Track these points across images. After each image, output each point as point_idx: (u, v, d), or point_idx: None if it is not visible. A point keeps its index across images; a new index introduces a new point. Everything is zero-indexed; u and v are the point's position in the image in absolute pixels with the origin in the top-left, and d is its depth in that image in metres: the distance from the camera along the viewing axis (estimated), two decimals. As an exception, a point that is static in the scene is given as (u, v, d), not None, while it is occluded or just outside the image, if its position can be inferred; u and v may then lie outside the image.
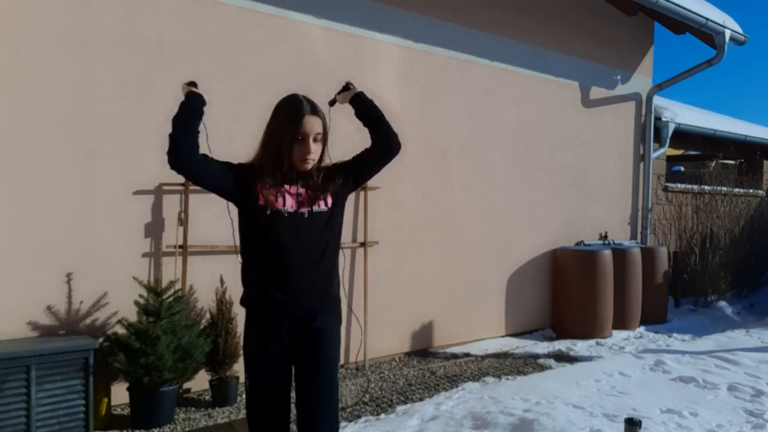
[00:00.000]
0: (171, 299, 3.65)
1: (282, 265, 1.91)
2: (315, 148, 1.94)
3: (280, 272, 1.92)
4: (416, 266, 5.26)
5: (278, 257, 1.91)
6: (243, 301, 2.06)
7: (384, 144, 2.13)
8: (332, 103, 2.30)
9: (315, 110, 1.97)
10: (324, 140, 1.99)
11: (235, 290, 3.98)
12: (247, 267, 2.01)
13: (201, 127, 2.17)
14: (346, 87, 2.27)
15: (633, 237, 7.58)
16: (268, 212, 1.89)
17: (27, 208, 3.46)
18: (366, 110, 2.18)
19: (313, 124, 1.93)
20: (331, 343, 2.03)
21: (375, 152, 2.14)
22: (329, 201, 2.01)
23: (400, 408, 3.81)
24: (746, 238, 8.65)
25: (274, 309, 1.94)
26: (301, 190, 1.96)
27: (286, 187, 1.94)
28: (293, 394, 2.00)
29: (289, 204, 1.92)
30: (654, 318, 6.87)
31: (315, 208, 1.96)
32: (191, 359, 3.61)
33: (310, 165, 1.95)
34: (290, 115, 1.93)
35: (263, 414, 1.97)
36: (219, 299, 3.94)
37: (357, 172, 2.11)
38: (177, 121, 2.07)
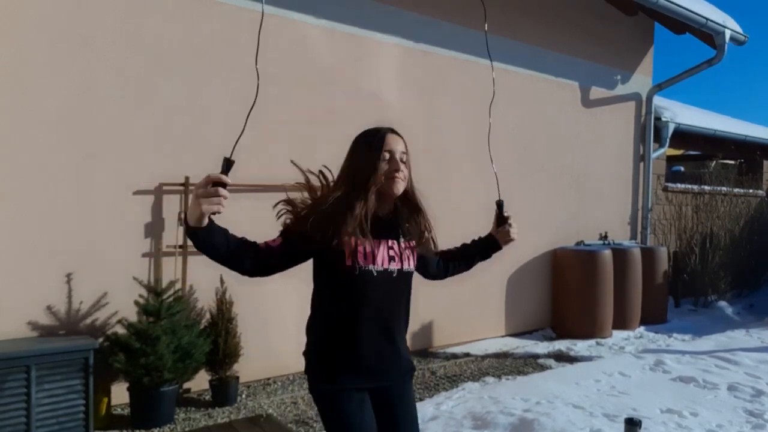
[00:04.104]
0: (171, 299, 3.65)
1: (368, 327, 1.74)
2: (403, 167, 1.78)
3: (365, 336, 1.75)
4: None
5: (363, 319, 1.73)
6: (312, 360, 1.82)
7: (438, 278, 2.10)
8: (499, 206, 2.27)
9: (395, 131, 1.83)
10: (408, 164, 1.82)
11: (235, 290, 4.00)
12: (324, 326, 1.80)
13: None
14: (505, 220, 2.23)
15: (633, 237, 7.58)
16: (357, 272, 1.69)
17: (27, 208, 3.46)
18: (482, 259, 2.19)
19: (397, 142, 1.79)
20: (413, 397, 1.93)
21: (428, 271, 2.05)
22: (415, 259, 1.86)
23: (400, 408, 3.81)
24: (746, 238, 8.65)
25: (356, 372, 1.76)
26: (392, 242, 1.79)
27: (376, 239, 1.74)
28: None
29: (380, 261, 1.73)
30: (654, 318, 6.86)
31: (405, 266, 1.80)
32: (191, 359, 3.61)
33: (401, 185, 1.77)
34: (371, 138, 1.79)
35: None
36: (219, 299, 3.94)
37: (422, 257, 1.96)
38: (211, 253, 1.61)
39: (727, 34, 6.93)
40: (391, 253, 1.77)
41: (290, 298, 4.27)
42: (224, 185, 1.46)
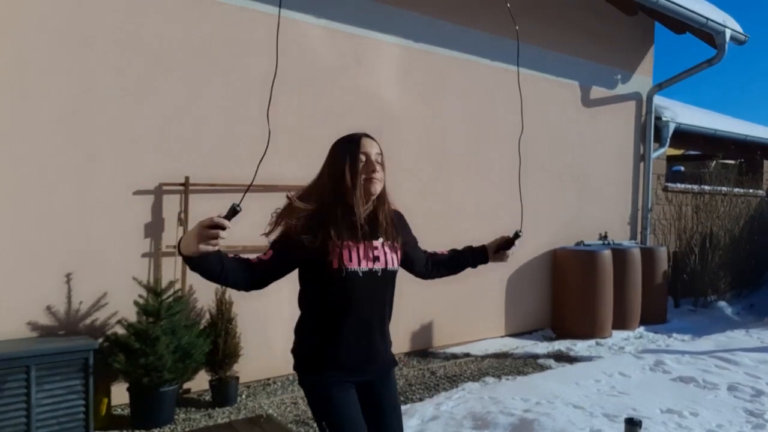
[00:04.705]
0: (171, 299, 3.65)
1: (355, 326, 1.83)
2: (379, 168, 1.85)
3: (352, 333, 1.83)
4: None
5: (351, 318, 1.82)
6: (301, 357, 1.91)
7: (424, 277, 2.20)
8: (515, 237, 2.33)
9: (369, 135, 1.91)
10: (384, 166, 1.89)
11: (235, 291, 3.99)
12: (312, 323, 1.89)
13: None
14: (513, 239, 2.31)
15: (633, 237, 7.58)
16: (343, 274, 1.77)
17: (27, 208, 3.46)
18: (476, 265, 2.30)
19: (371, 145, 1.87)
20: (395, 386, 2.02)
21: (414, 269, 2.14)
22: (399, 258, 1.94)
23: (400, 408, 3.81)
24: (746, 238, 8.65)
25: (343, 367, 1.84)
26: (376, 243, 1.86)
27: (359, 240, 1.82)
28: None
29: (365, 261, 1.81)
30: (654, 318, 6.86)
31: (389, 266, 1.87)
32: (191, 359, 3.61)
33: (378, 186, 1.84)
34: (347, 144, 1.87)
35: None
36: (219, 299, 3.94)
37: (407, 256, 2.05)
38: (206, 276, 1.70)
39: (728, 33, 6.92)
40: (375, 253, 1.85)
41: (290, 298, 4.27)
42: (224, 229, 1.55)
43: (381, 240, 1.88)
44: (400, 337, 5.23)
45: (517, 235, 2.29)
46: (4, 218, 3.39)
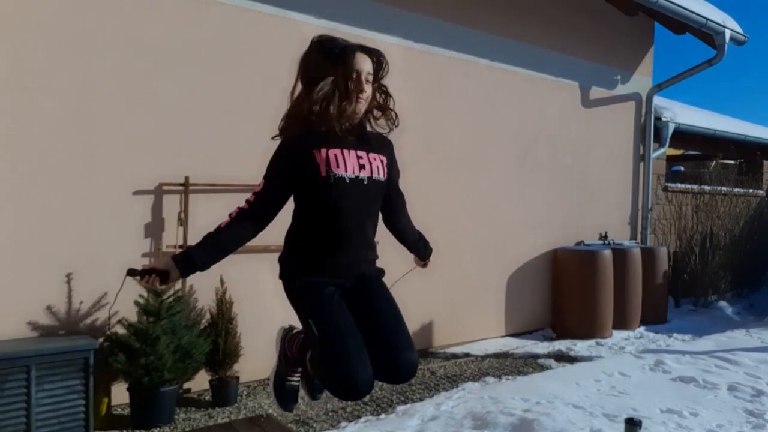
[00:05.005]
0: (171, 299, 3.65)
1: (341, 231, 1.88)
2: (367, 88, 1.87)
3: (338, 238, 1.88)
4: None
5: (338, 224, 1.87)
6: (288, 261, 1.95)
7: (391, 229, 2.25)
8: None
9: (365, 48, 1.91)
10: (375, 82, 1.92)
11: (235, 290, 4.00)
12: (301, 227, 1.94)
13: None
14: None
15: (633, 237, 7.58)
16: (331, 180, 1.81)
17: (27, 208, 3.46)
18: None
19: (365, 62, 1.88)
20: (386, 286, 2.04)
21: (392, 213, 2.18)
22: (386, 171, 1.97)
23: (400, 408, 3.81)
24: (746, 238, 8.65)
25: (329, 272, 1.89)
26: (361, 152, 1.89)
27: (346, 148, 1.86)
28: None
29: (351, 168, 1.85)
30: (654, 318, 6.86)
31: (375, 175, 1.90)
32: (191, 359, 3.61)
33: (362, 106, 1.88)
34: (339, 53, 1.84)
35: (349, 342, 1.78)
36: (219, 299, 3.94)
37: (389, 182, 2.06)
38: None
39: (727, 34, 6.92)
40: (361, 161, 1.88)
41: (290, 298, 4.27)
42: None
43: (367, 149, 1.91)
44: (400, 337, 5.23)
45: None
46: (5, 218, 3.39)
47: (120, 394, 3.66)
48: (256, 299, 4.21)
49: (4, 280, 3.38)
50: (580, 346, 5.70)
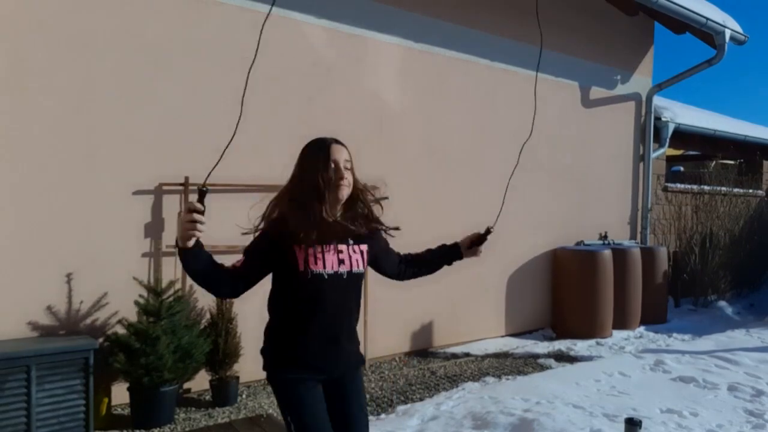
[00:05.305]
0: (171, 299, 3.65)
1: (319, 325, 1.90)
2: (347, 174, 1.91)
3: (318, 334, 1.90)
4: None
5: (316, 317, 1.89)
6: (269, 355, 1.98)
7: (397, 278, 2.25)
8: (487, 232, 2.43)
9: (338, 141, 1.96)
10: (353, 171, 1.95)
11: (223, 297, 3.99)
12: (280, 322, 1.96)
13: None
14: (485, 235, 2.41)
15: (633, 237, 7.58)
16: (309, 276, 1.84)
17: (27, 208, 3.46)
18: (451, 262, 2.36)
19: (340, 152, 1.92)
20: (361, 384, 2.07)
21: (385, 271, 2.20)
22: (366, 261, 1.99)
23: (400, 408, 3.81)
24: (746, 238, 8.65)
25: (309, 368, 1.92)
26: (342, 246, 1.92)
27: (326, 244, 1.88)
28: None
29: (329, 265, 1.88)
30: (654, 318, 6.87)
31: (354, 269, 1.94)
32: (191, 359, 3.61)
33: (345, 191, 1.91)
34: (317, 150, 1.92)
35: None
36: (219, 299, 3.94)
37: (378, 258, 2.10)
38: (193, 277, 1.84)
39: (727, 33, 6.93)
40: (341, 256, 1.91)
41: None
42: (200, 212, 1.67)
43: (347, 243, 1.94)
44: (400, 337, 5.24)
45: (488, 231, 2.39)
46: (5, 218, 3.39)
47: (120, 394, 3.66)
48: (257, 299, 4.19)
49: (4, 280, 3.38)
50: (580, 346, 5.71)
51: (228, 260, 1.97)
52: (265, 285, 1.99)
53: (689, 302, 8.03)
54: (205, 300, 4.08)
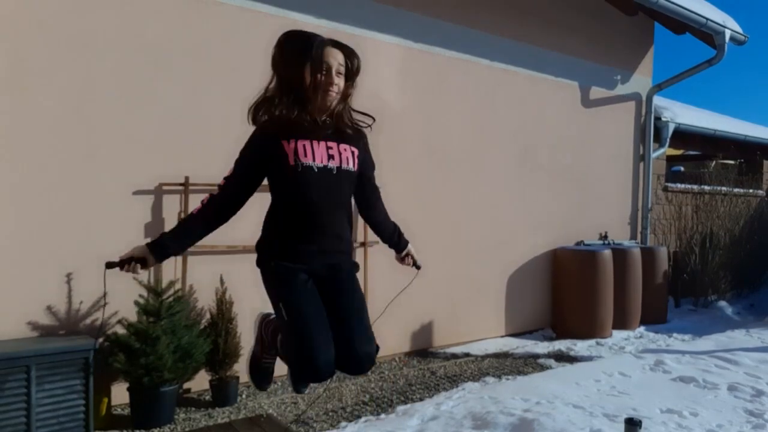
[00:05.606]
0: (171, 299, 3.65)
1: (310, 218, 1.92)
2: (338, 81, 1.90)
3: (307, 225, 1.93)
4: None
5: (307, 211, 1.92)
6: (263, 247, 2.02)
7: (367, 219, 2.31)
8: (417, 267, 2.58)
9: (336, 42, 1.93)
10: (348, 77, 1.94)
11: (235, 290, 4.00)
12: (275, 214, 2.00)
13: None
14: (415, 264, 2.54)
15: (633, 237, 7.58)
16: (299, 169, 1.87)
17: (27, 208, 3.46)
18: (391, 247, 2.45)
19: (336, 55, 1.90)
20: (356, 280, 2.09)
21: (364, 201, 2.22)
22: (356, 163, 2.00)
23: (400, 408, 3.81)
24: (746, 238, 8.65)
25: (299, 258, 1.94)
26: (331, 143, 1.93)
27: (315, 139, 1.90)
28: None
29: (319, 158, 1.89)
30: (654, 318, 6.86)
31: (344, 165, 1.94)
32: (191, 359, 3.61)
33: (333, 97, 1.90)
34: (309, 46, 1.86)
35: (312, 325, 1.86)
36: (219, 299, 3.94)
37: (360, 169, 2.09)
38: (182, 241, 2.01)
39: (727, 34, 6.92)
40: (330, 152, 1.92)
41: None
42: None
43: (337, 140, 1.94)
44: (400, 337, 5.24)
45: (418, 267, 2.57)
46: (5, 218, 3.39)
47: (120, 394, 3.65)
48: (256, 299, 4.20)
49: (4, 280, 3.38)
50: (580, 346, 5.70)
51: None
52: (259, 274, 1.99)
53: (689, 302, 8.03)
54: (205, 300, 4.08)
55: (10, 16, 3.39)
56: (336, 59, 1.89)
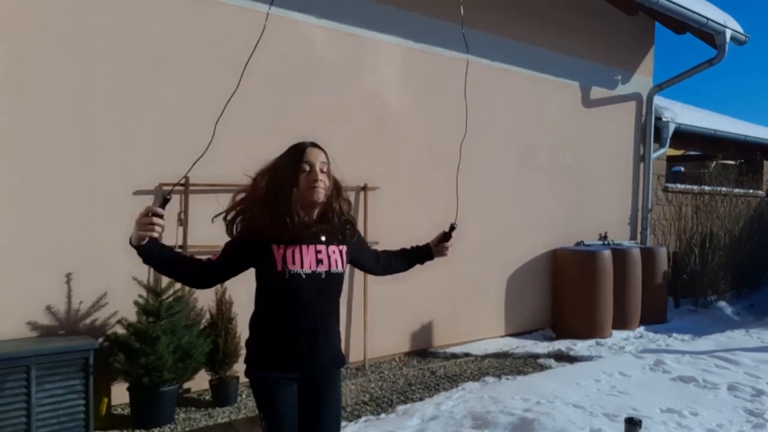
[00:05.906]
0: (171, 299, 3.65)
1: (298, 320, 1.91)
2: (323, 177, 1.91)
3: (296, 328, 1.92)
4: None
5: (296, 313, 1.91)
6: (250, 352, 2.01)
7: (377, 275, 2.31)
8: (451, 229, 2.47)
9: (316, 144, 1.97)
10: (329, 174, 1.96)
11: (235, 290, 4.00)
12: (261, 318, 1.99)
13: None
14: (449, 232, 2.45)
15: (633, 237, 7.58)
16: (287, 276, 1.87)
17: (27, 208, 3.46)
18: (423, 261, 2.43)
19: (316, 154, 1.93)
20: (339, 386, 2.10)
21: (365, 268, 2.25)
22: (344, 262, 2.00)
23: (400, 408, 3.81)
24: (746, 238, 8.65)
25: (287, 364, 1.94)
26: (320, 247, 1.93)
27: (305, 244, 1.90)
28: None
29: (307, 264, 1.90)
30: (654, 318, 6.86)
31: (333, 268, 1.95)
32: (191, 359, 3.61)
33: (321, 193, 1.90)
34: (292, 153, 1.94)
35: None
36: (219, 299, 3.94)
37: (357, 258, 2.12)
38: (153, 268, 2.00)
39: (728, 33, 6.92)
40: (319, 256, 1.92)
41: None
42: (160, 216, 1.85)
43: (326, 243, 1.95)
44: (400, 337, 5.24)
45: (453, 227, 2.44)
46: (5, 218, 3.39)
47: (120, 394, 3.66)
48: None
49: (4, 280, 3.38)
50: (580, 346, 5.70)
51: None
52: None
53: (689, 302, 8.03)
54: (204, 300, 4.08)
55: (10, 16, 3.39)
56: (318, 158, 1.92)
